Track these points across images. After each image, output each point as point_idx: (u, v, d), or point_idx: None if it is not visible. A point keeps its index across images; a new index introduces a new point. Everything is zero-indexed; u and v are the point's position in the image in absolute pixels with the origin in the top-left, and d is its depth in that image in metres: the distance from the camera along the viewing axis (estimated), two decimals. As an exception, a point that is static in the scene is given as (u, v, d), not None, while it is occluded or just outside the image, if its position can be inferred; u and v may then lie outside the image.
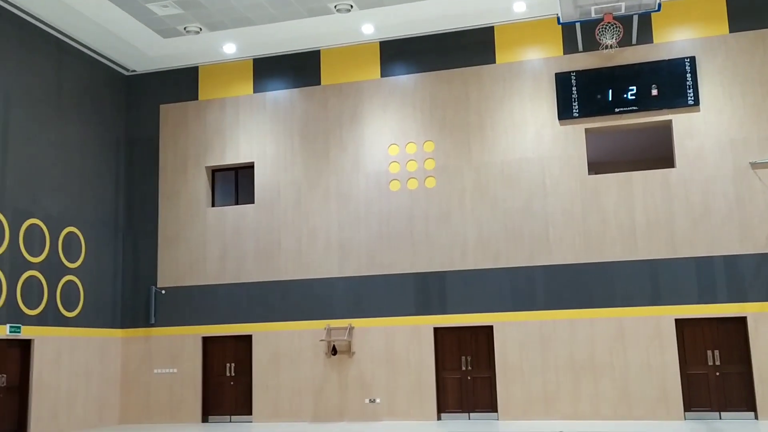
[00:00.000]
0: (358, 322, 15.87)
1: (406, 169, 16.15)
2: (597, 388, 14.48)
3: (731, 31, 14.83)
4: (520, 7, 15.30)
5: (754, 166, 14.38)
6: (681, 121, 14.85)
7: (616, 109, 15.07)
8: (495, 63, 15.95)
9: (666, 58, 14.98)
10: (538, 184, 15.37)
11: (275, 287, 16.43)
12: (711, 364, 14.30)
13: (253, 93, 17.28)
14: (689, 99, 14.74)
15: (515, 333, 15.03)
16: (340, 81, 16.77)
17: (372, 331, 15.77)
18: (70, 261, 15.71)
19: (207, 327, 16.69)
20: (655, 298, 14.47)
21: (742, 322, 14.22)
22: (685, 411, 14.14)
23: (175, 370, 16.66)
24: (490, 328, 15.34)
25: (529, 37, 15.82)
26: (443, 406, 15.41)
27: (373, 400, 15.53)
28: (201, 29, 15.99)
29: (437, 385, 15.40)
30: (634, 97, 14.99)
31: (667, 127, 15.29)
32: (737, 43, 14.76)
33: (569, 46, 15.60)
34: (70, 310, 15.57)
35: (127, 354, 17.03)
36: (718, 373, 14.24)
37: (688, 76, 14.77)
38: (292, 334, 16.17)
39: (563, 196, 15.21)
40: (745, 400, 14.04)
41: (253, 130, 17.15)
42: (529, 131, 15.58)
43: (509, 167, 15.57)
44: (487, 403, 15.23)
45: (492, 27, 16.06)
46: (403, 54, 16.49)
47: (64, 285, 15.44)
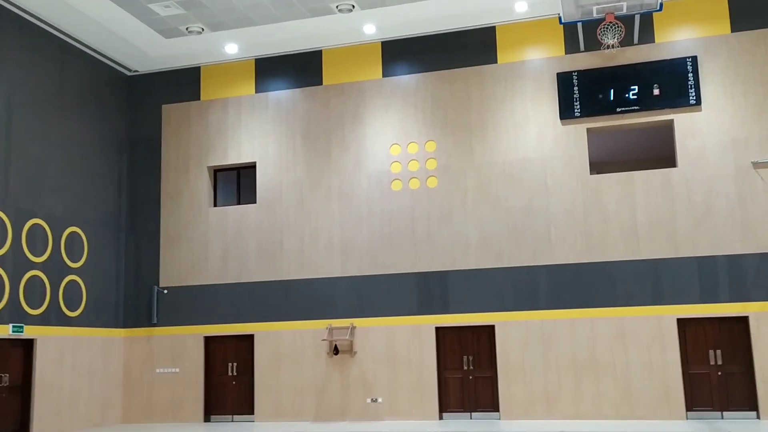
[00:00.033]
0: (359, 322, 15.88)
1: (408, 169, 16.16)
2: (599, 387, 14.47)
3: (733, 30, 14.83)
4: (521, 7, 15.30)
5: (756, 165, 14.38)
6: (683, 121, 14.84)
7: (618, 109, 15.07)
8: (497, 63, 15.96)
9: (668, 58, 14.98)
10: (539, 184, 15.37)
11: (277, 287, 16.45)
12: (713, 363, 14.29)
13: (255, 93, 17.31)
14: (691, 98, 14.74)
15: (517, 332, 15.04)
16: (341, 81, 16.79)
17: (374, 331, 15.78)
18: (73, 261, 15.74)
19: (209, 327, 16.72)
20: (656, 298, 14.46)
21: (744, 321, 14.21)
22: (686, 411, 14.13)
23: (177, 370, 16.69)
24: (492, 327, 15.34)
25: (531, 37, 15.82)
26: (445, 406, 15.42)
27: (375, 399, 15.54)
28: (203, 29, 16.01)
29: (439, 385, 15.40)
30: (635, 96, 14.99)
31: (668, 126, 15.29)
32: (739, 42, 14.75)
33: (571, 46, 15.60)
34: (72, 310, 15.60)
35: (130, 354, 17.06)
36: (720, 373, 14.23)
37: (690, 75, 14.77)
38: (294, 333, 16.19)
39: (565, 196, 15.21)
40: (747, 400, 14.03)
41: (255, 130, 17.17)
42: (530, 131, 15.59)
43: (511, 167, 15.57)
44: (489, 402, 15.23)
45: (494, 27, 16.07)
46: (404, 54, 16.50)
47: (66, 285, 15.48)
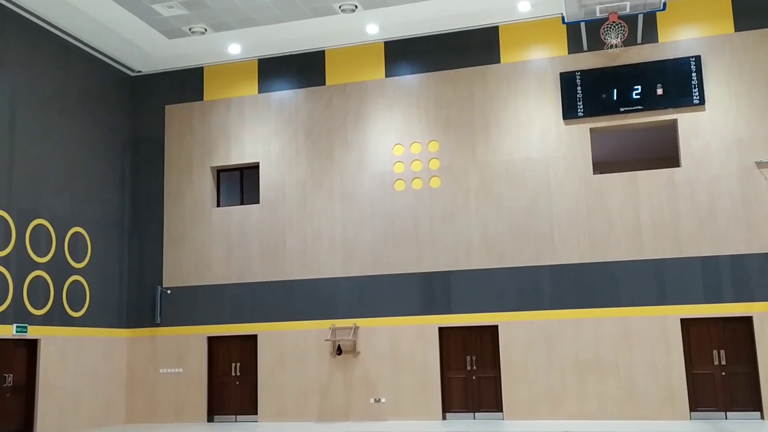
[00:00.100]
0: (363, 322, 15.88)
1: (411, 169, 16.15)
2: (602, 387, 14.45)
3: (737, 30, 14.80)
4: (524, 7, 15.29)
5: (760, 165, 14.34)
6: (686, 121, 14.82)
7: (621, 109, 15.05)
8: (500, 63, 15.95)
9: (671, 57, 14.95)
10: (543, 184, 15.35)
11: (280, 287, 16.46)
12: (717, 363, 14.26)
13: (258, 93, 17.31)
14: (695, 98, 14.71)
15: (520, 333, 15.02)
16: (344, 81, 16.79)
17: (377, 331, 15.77)
18: (76, 261, 15.76)
19: (212, 327, 16.73)
20: (660, 298, 14.44)
21: (748, 321, 14.18)
22: (690, 411, 14.11)
23: (180, 370, 16.70)
24: (495, 327, 15.33)
25: (534, 37, 15.81)
26: (448, 406, 15.41)
27: (378, 399, 15.54)
28: (206, 30, 16.02)
29: (442, 385, 15.39)
30: (639, 96, 14.97)
31: (672, 126, 15.26)
32: (743, 42, 14.72)
33: (574, 46, 15.58)
34: (76, 310, 15.62)
35: (133, 354, 17.08)
36: (723, 373, 14.20)
37: (694, 75, 14.74)
38: (297, 333, 16.19)
39: (568, 196, 15.19)
40: (751, 400, 14.00)
41: (258, 131, 17.18)
42: (533, 131, 15.57)
43: (514, 167, 15.56)
44: (492, 402, 15.22)
45: (497, 27, 16.05)
46: (407, 54, 16.50)
47: (70, 285, 15.50)
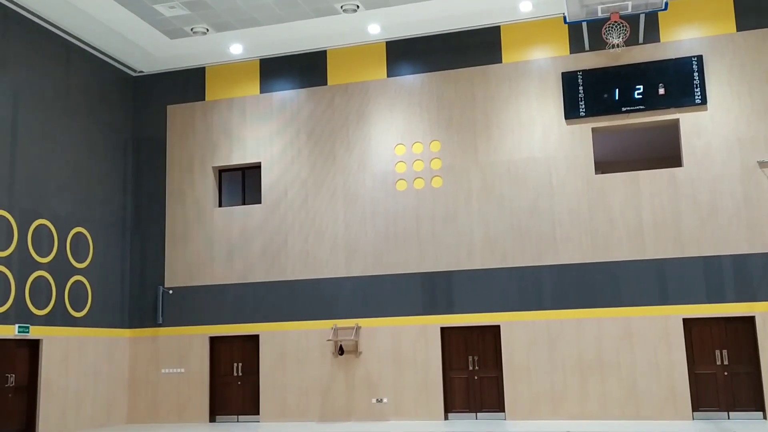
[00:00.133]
0: (364, 322, 15.88)
1: (413, 169, 16.15)
2: (604, 387, 14.44)
3: (738, 29, 14.79)
4: (526, 7, 15.28)
5: (762, 165, 14.33)
6: (688, 120, 14.81)
7: (623, 109, 15.04)
8: (501, 62, 15.94)
9: (673, 57, 14.94)
10: (544, 184, 15.35)
11: (282, 287, 16.46)
12: (719, 363, 14.25)
13: (260, 93, 17.32)
14: (696, 98, 14.70)
15: (522, 333, 15.02)
16: (346, 81, 16.79)
17: (379, 331, 15.77)
18: (78, 261, 15.77)
19: (214, 327, 16.73)
20: (662, 298, 14.43)
21: (750, 321, 14.17)
22: (693, 411, 14.09)
23: (182, 370, 16.71)
24: (497, 327, 15.33)
25: (536, 37, 15.80)
26: (450, 406, 15.40)
27: (380, 399, 15.54)
28: (208, 30, 16.03)
29: (444, 385, 15.39)
30: (641, 96, 14.96)
31: (674, 126, 15.25)
32: (745, 41, 14.71)
33: (576, 46, 15.58)
34: (78, 310, 15.63)
35: (135, 354, 17.09)
36: (726, 373, 14.19)
37: (696, 74, 14.73)
38: (299, 333, 16.20)
39: (570, 196, 15.19)
40: (753, 400, 13.99)
41: (259, 131, 17.18)
42: (535, 131, 15.56)
43: (516, 167, 15.55)
44: (495, 402, 15.21)
45: (498, 26, 16.05)
46: (409, 54, 16.50)
47: (72, 285, 15.51)
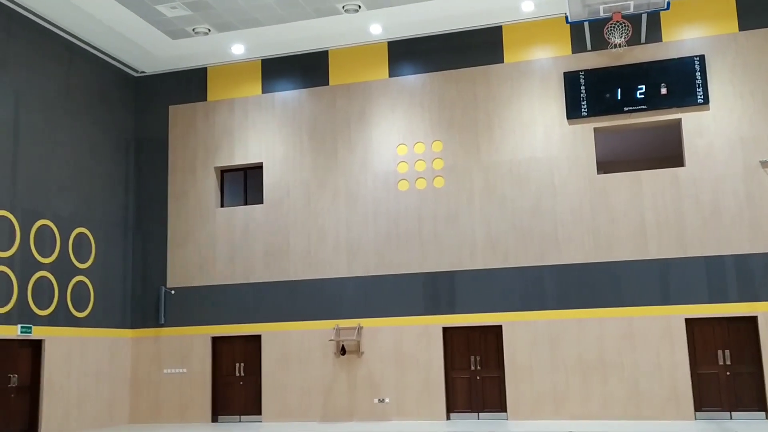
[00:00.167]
0: (367, 322, 15.88)
1: (415, 169, 16.15)
2: (606, 387, 14.43)
3: (741, 29, 14.76)
4: (528, 7, 15.27)
5: (765, 164, 14.30)
6: (690, 120, 14.79)
7: (625, 108, 15.03)
8: (503, 62, 15.93)
9: (675, 57, 14.93)
10: (546, 184, 15.34)
11: (284, 287, 16.46)
12: (721, 363, 14.23)
13: (262, 93, 17.33)
14: (699, 97, 14.68)
15: (524, 333, 15.01)
16: (348, 81, 16.79)
17: (381, 331, 15.78)
18: (81, 261, 15.79)
19: (216, 327, 16.74)
20: (665, 298, 14.41)
21: (752, 321, 14.15)
22: (695, 411, 14.08)
23: (184, 370, 16.72)
24: (499, 327, 15.32)
25: (538, 37, 15.79)
26: (452, 406, 15.40)
27: (382, 399, 15.54)
28: (209, 30, 16.04)
29: (446, 385, 15.39)
30: (643, 96, 14.94)
31: (676, 125, 15.23)
32: (747, 41, 14.69)
33: (578, 45, 15.56)
34: (80, 311, 15.65)
35: (137, 354, 17.11)
36: (728, 373, 14.17)
37: (698, 74, 14.71)
38: (301, 334, 16.20)
39: (572, 196, 15.18)
40: (755, 400, 13.97)
41: (261, 131, 17.19)
42: (537, 131, 15.55)
43: (518, 167, 15.54)
44: (497, 402, 15.21)
45: (500, 26, 16.04)
46: (411, 54, 16.49)
47: (74, 285, 15.52)
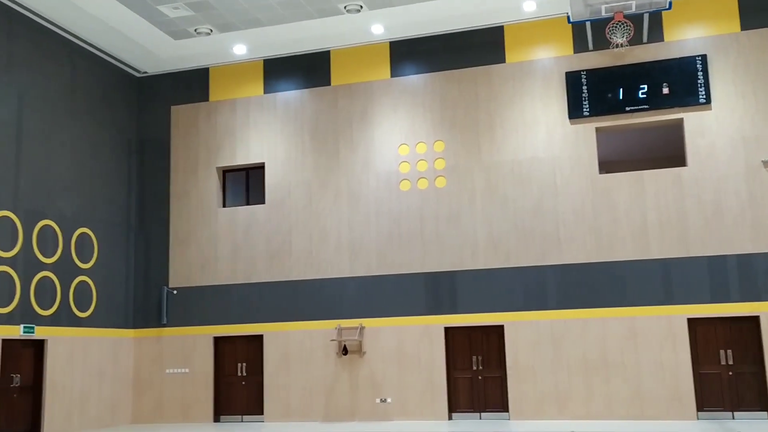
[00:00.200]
0: (368, 322, 15.88)
1: (417, 169, 16.15)
2: (609, 387, 14.42)
3: (743, 28, 14.75)
4: (529, 7, 15.27)
5: (767, 164, 14.29)
6: (692, 120, 14.78)
7: (627, 108, 15.02)
8: (505, 62, 15.93)
9: (677, 57, 14.91)
10: (548, 184, 15.33)
11: (286, 287, 16.47)
12: (724, 363, 14.22)
13: (264, 94, 17.34)
14: (701, 97, 14.67)
15: (526, 333, 15.00)
16: (350, 81, 16.80)
17: (383, 331, 15.78)
18: (83, 261, 15.81)
19: (218, 327, 16.75)
20: (667, 298, 14.40)
21: (755, 321, 14.13)
22: (697, 411, 14.06)
23: (186, 370, 16.74)
24: (501, 327, 15.31)
25: (539, 37, 15.79)
26: (454, 406, 15.40)
27: (384, 399, 15.54)
28: (211, 31, 16.05)
29: (448, 385, 15.38)
30: (645, 95, 14.93)
31: (678, 125, 15.22)
32: (749, 40, 14.68)
33: (579, 45, 15.56)
34: (82, 311, 15.67)
35: (140, 354, 17.12)
36: (731, 373, 14.16)
37: (700, 74, 14.70)
38: (303, 334, 16.21)
39: (574, 196, 15.17)
40: (758, 400, 13.95)
41: (263, 131, 17.20)
42: (539, 130, 15.55)
43: (519, 167, 15.54)
44: (499, 403, 15.20)
45: (502, 26, 16.04)
46: (412, 54, 16.50)
47: (76, 285, 15.54)
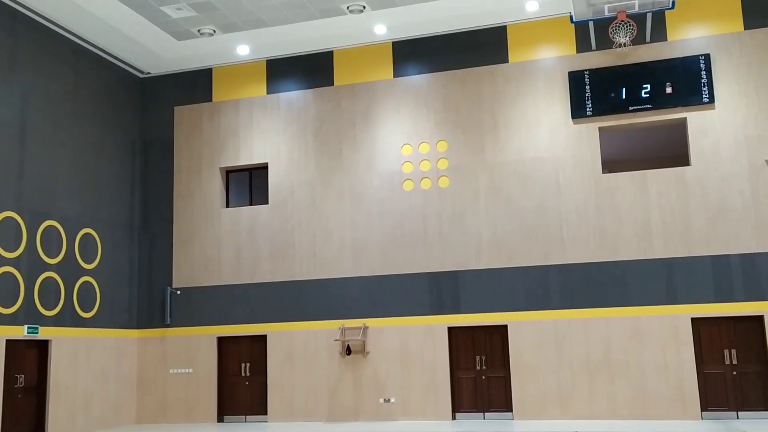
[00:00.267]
0: (372, 322, 15.89)
1: (420, 169, 16.16)
2: (613, 387, 14.41)
3: (746, 28, 14.74)
4: (532, 6, 15.27)
5: (771, 163, 14.30)
6: (696, 119, 14.77)
7: (630, 108, 15.01)
8: (508, 62, 15.93)
9: (680, 56, 14.90)
10: (551, 183, 15.33)
11: (290, 287, 16.49)
12: (728, 363, 14.20)
13: (267, 94, 17.36)
14: (704, 96, 14.66)
15: (530, 332, 15.00)
16: (353, 81, 16.81)
17: (386, 331, 15.78)
18: (87, 262, 15.84)
19: (222, 327, 16.77)
20: (671, 297, 14.39)
21: (759, 320, 14.11)
22: (701, 411, 14.05)
23: (190, 370, 16.76)
24: (505, 327, 15.31)
25: (542, 36, 15.79)
26: (458, 406, 15.40)
27: (388, 399, 15.55)
28: (215, 31, 16.08)
29: (452, 385, 15.39)
30: (648, 95, 14.93)
31: (681, 125, 15.21)
32: (752, 39, 14.66)
33: (582, 45, 15.55)
34: (86, 311, 15.70)
35: (143, 354, 17.15)
36: (735, 373, 14.14)
37: (703, 73, 14.69)
38: (307, 334, 16.22)
39: (577, 195, 15.16)
40: (762, 400, 13.93)
41: (266, 131, 17.22)
42: (542, 130, 15.55)
43: (523, 166, 15.54)
44: (502, 402, 15.20)
45: (505, 26, 16.04)
46: (415, 54, 16.51)
47: (80, 286, 15.58)
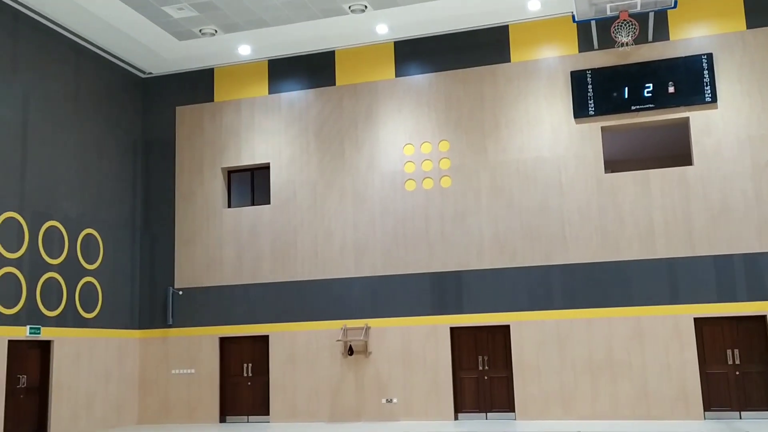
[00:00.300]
0: (374, 322, 15.88)
1: (422, 169, 16.14)
2: (615, 387, 14.39)
3: (749, 27, 14.71)
4: (534, 6, 15.25)
5: (773, 163, 14.27)
6: (698, 119, 14.74)
7: (633, 107, 14.99)
8: (510, 62, 15.91)
9: (683, 55, 14.88)
10: (554, 183, 15.31)
11: (292, 287, 16.48)
12: (731, 363, 14.17)
13: (269, 94, 17.34)
14: (706, 96, 14.63)
15: (532, 332, 14.98)
16: (354, 81, 16.80)
17: (388, 331, 15.77)
18: (89, 262, 15.84)
19: (224, 327, 16.77)
20: (673, 297, 14.37)
21: (761, 320, 14.09)
22: (704, 411, 14.03)
23: (192, 371, 16.75)
24: (507, 327, 15.30)
25: (544, 36, 15.76)
26: (460, 406, 15.39)
27: (390, 400, 15.53)
28: (216, 31, 16.06)
29: (454, 385, 15.37)
30: (650, 94, 14.90)
31: (684, 124, 15.18)
32: (755, 39, 14.63)
33: (585, 44, 15.53)
34: (88, 311, 15.69)
35: (145, 355, 17.15)
36: (738, 373, 14.11)
37: (706, 73, 14.66)
38: (309, 334, 16.21)
39: (579, 195, 15.14)
40: (765, 400, 13.90)
41: (268, 131, 17.21)
42: (544, 130, 15.53)
43: (525, 166, 15.52)
44: (505, 403, 15.19)
45: (506, 26, 16.02)
46: (417, 54, 16.49)
47: (82, 286, 15.57)
